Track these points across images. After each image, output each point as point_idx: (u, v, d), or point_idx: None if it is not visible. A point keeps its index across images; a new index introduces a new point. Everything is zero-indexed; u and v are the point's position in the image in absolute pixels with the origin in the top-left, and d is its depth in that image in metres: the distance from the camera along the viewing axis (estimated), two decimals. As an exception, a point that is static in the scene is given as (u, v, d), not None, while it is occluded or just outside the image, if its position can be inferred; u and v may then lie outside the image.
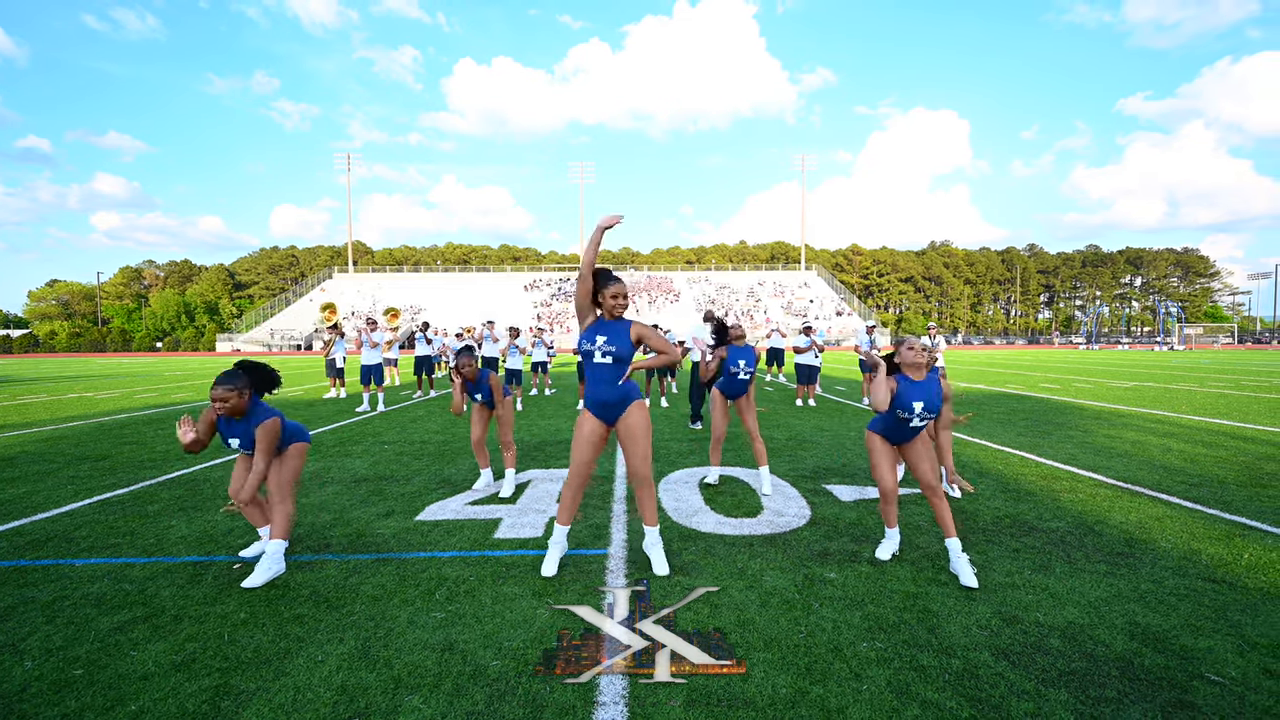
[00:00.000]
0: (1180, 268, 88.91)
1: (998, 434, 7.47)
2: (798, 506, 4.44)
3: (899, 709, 2.08)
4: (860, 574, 3.19)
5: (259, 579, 3.08)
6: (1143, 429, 7.85)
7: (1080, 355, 35.89)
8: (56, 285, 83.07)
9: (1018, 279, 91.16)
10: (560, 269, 78.78)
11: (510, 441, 4.99)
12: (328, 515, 4.31)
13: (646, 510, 3.32)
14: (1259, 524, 3.94)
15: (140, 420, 9.36)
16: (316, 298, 64.32)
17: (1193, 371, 19.43)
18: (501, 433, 4.96)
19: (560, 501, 3.34)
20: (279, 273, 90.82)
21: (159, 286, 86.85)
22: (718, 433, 5.02)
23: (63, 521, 4.21)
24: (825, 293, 66.60)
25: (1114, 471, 5.43)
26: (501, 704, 2.12)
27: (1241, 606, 2.79)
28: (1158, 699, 2.13)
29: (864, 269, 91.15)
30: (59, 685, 2.25)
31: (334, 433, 8.02)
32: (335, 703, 2.13)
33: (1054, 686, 2.20)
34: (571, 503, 3.29)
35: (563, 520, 3.29)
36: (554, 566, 3.23)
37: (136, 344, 65.37)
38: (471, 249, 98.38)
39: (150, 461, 6.21)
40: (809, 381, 10.96)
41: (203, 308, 79.57)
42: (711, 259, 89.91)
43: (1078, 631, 2.58)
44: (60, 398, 13.49)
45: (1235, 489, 4.82)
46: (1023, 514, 4.20)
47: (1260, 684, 2.21)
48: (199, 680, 2.27)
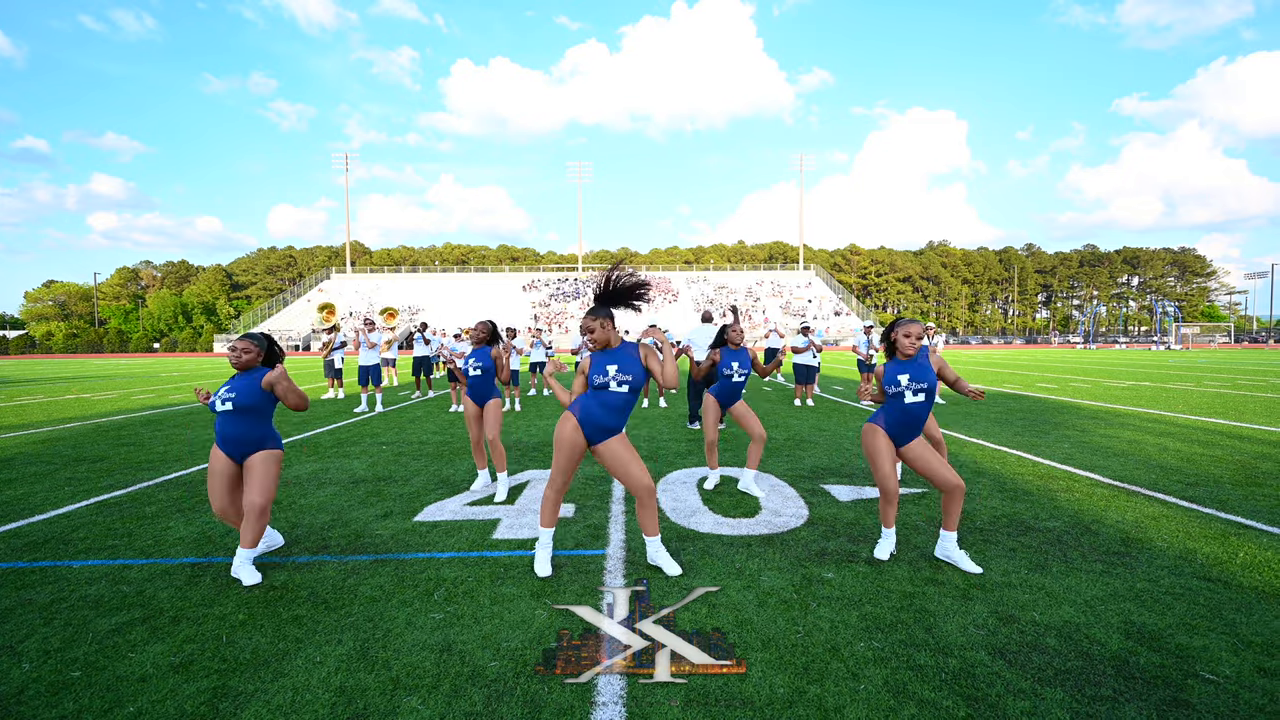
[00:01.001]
0: (1177, 267, 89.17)
1: (995, 433, 7.49)
2: (795, 507, 4.45)
3: (896, 708, 2.09)
4: (857, 574, 3.20)
5: (253, 579, 3.15)
6: (1139, 428, 7.88)
7: (1077, 355, 35.98)
8: (53, 286, 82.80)
9: (1015, 279, 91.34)
10: (559, 269, 78.78)
11: (496, 440, 4.85)
12: (326, 516, 4.30)
13: (650, 522, 3.27)
14: (1254, 523, 3.96)
15: (138, 421, 9.34)
16: (314, 298, 64.20)
17: (1189, 371, 19.50)
18: (486, 429, 4.89)
19: (544, 506, 3.29)
20: (276, 273, 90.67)
21: (156, 287, 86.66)
22: (710, 436, 5.02)
23: (60, 523, 4.21)
24: (824, 293, 66.69)
25: (1110, 471, 5.45)
26: (500, 705, 2.13)
27: (1236, 605, 2.80)
28: (1153, 697, 2.14)
29: (862, 269, 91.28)
30: (57, 687, 2.25)
31: (332, 434, 8.02)
32: (334, 704, 2.13)
33: (1050, 685, 2.21)
34: (556, 507, 3.29)
35: (547, 523, 3.28)
36: (547, 566, 3.23)
37: (133, 345, 65.20)
38: (470, 249, 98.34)
39: (148, 463, 6.20)
40: (807, 381, 10.98)
41: (200, 308, 79.40)
42: (710, 259, 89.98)
43: (1074, 630, 2.59)
44: (57, 399, 13.46)
45: (1231, 488, 4.84)
46: (1020, 513, 4.21)
47: (1254, 682, 2.22)
48: (197, 682, 2.27)
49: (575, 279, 69.85)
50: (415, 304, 62.42)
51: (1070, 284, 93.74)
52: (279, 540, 3.63)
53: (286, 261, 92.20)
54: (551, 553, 3.34)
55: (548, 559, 3.26)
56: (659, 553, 3.29)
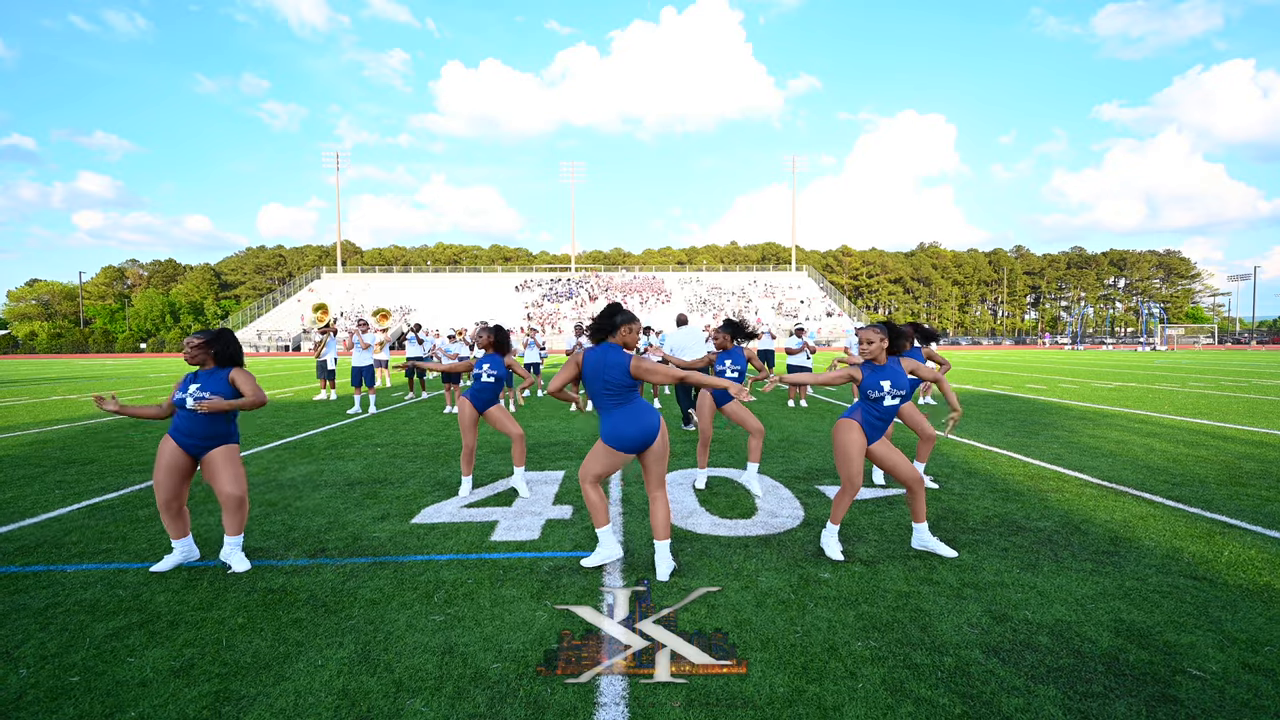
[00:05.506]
0: (1162, 269, 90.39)
1: (985, 434, 7.59)
2: (791, 508, 4.49)
3: (893, 706, 2.12)
4: (853, 574, 3.24)
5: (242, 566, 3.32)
6: (1126, 429, 8.01)
7: (1065, 355, 36.40)
8: (37, 285, 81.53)
9: (1004, 280, 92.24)
10: (551, 269, 78.63)
11: (520, 437, 4.97)
12: (322, 519, 4.29)
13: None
14: (1239, 522, 4.05)
15: (127, 424, 9.24)
16: (305, 298, 63.66)
17: (1174, 372, 19.79)
18: (507, 429, 4.94)
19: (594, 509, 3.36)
20: (266, 273, 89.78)
21: (142, 286, 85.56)
22: (704, 435, 5.07)
23: (52, 527, 4.17)
24: (815, 293, 67.01)
25: (1099, 471, 5.54)
26: (503, 706, 2.14)
27: (1222, 603, 2.87)
28: (1142, 694, 2.19)
29: (854, 270, 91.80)
30: (56, 692, 2.24)
31: (325, 435, 7.97)
32: (337, 707, 2.14)
33: (1043, 683, 2.26)
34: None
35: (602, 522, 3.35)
36: (601, 559, 3.35)
37: (119, 345, 64.35)
38: (462, 249, 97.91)
39: (139, 465, 6.15)
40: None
41: (187, 308, 78.50)
42: (703, 259, 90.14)
43: (1065, 629, 2.64)
44: (43, 400, 13.28)
45: (1216, 488, 4.94)
46: (1011, 513, 4.28)
47: (1240, 678, 2.28)
48: (199, 686, 2.27)
49: (568, 279, 69.75)
50: (407, 304, 62.04)
51: (1058, 285, 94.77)
52: (195, 552, 3.50)
53: (276, 261, 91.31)
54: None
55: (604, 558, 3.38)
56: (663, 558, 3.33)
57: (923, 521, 3.51)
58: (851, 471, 3.39)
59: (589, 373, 3.21)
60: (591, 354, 3.22)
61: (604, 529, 3.32)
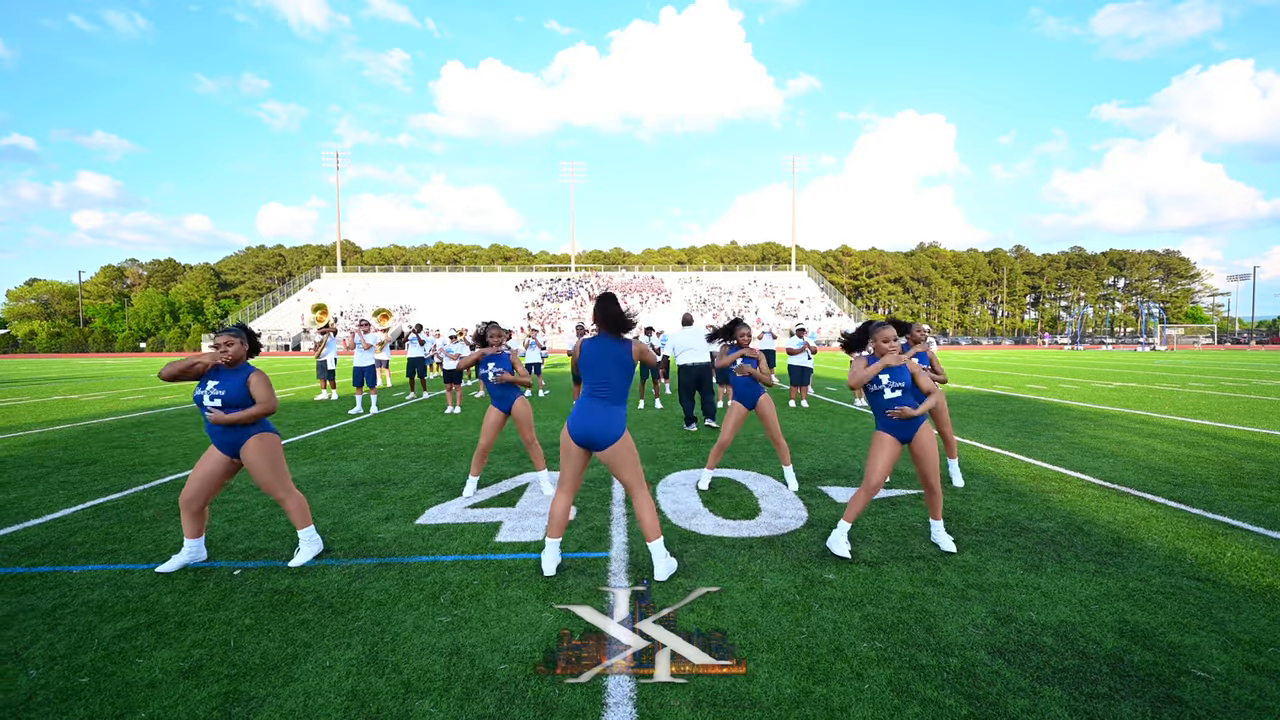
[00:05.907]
0: (1162, 269, 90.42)
1: (988, 435, 7.60)
2: (795, 508, 4.50)
3: (900, 707, 2.14)
4: (858, 575, 3.25)
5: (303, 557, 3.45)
6: (1127, 429, 8.02)
7: (1065, 355, 36.42)
8: (36, 284, 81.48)
9: (1004, 280, 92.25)
10: (551, 269, 78.61)
11: (534, 440, 4.99)
12: (327, 520, 4.30)
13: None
14: (1241, 523, 4.06)
15: (129, 423, 9.25)
16: (304, 298, 63.64)
17: (1174, 372, 19.81)
18: (522, 431, 4.97)
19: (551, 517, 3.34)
20: (266, 272, 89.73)
21: (142, 286, 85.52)
22: (724, 439, 5.05)
23: (57, 527, 4.17)
24: (815, 293, 67.02)
25: (1101, 472, 5.56)
26: (512, 707, 2.15)
27: (1225, 604, 2.88)
28: (1147, 694, 2.20)
29: (854, 270, 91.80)
30: (66, 694, 2.25)
31: (328, 435, 7.98)
32: (346, 708, 2.15)
33: (1049, 684, 2.27)
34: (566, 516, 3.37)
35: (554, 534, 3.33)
36: (552, 567, 3.28)
37: (119, 344, 64.32)
38: (462, 249, 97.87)
39: (142, 466, 6.15)
40: (801, 383, 11.05)
41: (187, 307, 78.47)
42: (703, 259, 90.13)
43: (1069, 630, 2.65)
44: (44, 400, 13.28)
45: (1217, 488, 4.95)
46: (1014, 514, 4.29)
47: (1244, 679, 2.29)
48: (208, 687, 2.28)
49: (568, 279, 69.73)
50: (407, 304, 62.03)
51: (1058, 285, 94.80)
52: (203, 554, 3.52)
53: (276, 260, 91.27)
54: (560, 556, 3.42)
55: (553, 562, 3.32)
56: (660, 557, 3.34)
57: (939, 519, 3.66)
58: (870, 469, 3.52)
59: (591, 359, 3.31)
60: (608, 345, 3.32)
61: (552, 540, 3.32)
